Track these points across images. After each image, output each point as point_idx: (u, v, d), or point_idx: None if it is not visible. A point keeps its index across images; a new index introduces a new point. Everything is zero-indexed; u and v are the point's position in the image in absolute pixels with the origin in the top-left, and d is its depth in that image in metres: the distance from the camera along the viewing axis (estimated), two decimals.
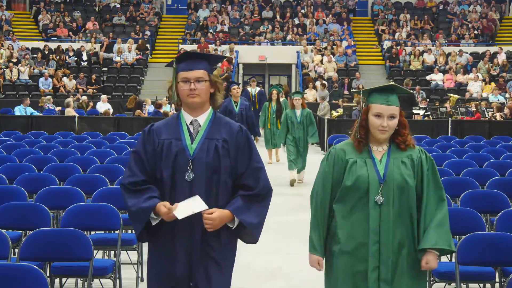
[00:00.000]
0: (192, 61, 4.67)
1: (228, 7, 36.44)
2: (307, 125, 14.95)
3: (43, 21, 34.97)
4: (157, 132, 4.64)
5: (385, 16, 35.81)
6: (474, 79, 29.70)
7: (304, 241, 9.59)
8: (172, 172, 4.55)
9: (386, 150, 4.67)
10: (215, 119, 4.68)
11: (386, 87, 4.72)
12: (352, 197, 4.62)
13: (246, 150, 4.64)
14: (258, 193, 4.63)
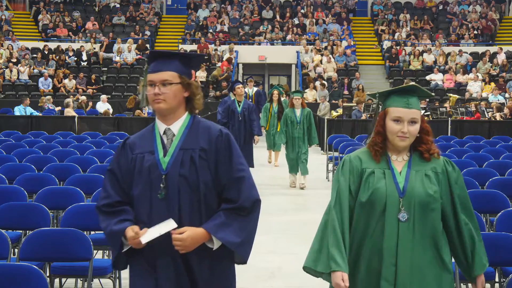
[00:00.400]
0: (160, 61, 4.14)
1: (227, 7, 36.46)
2: (307, 125, 14.37)
3: (43, 21, 34.98)
4: (131, 146, 4.19)
5: (384, 16, 35.82)
6: (474, 79, 29.71)
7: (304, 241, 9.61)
8: (145, 190, 4.05)
9: (407, 161, 4.10)
10: (193, 125, 4.14)
11: (406, 88, 4.15)
12: (368, 214, 4.04)
13: (227, 157, 4.07)
14: (241, 205, 4.04)
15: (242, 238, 4.08)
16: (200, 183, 4.02)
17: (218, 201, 4.08)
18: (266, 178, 15.56)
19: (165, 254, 4.01)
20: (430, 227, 4.01)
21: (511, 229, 6.44)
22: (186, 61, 4.21)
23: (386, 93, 4.20)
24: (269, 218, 11.41)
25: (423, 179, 4.04)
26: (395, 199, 3.99)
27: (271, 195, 13.51)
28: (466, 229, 4.07)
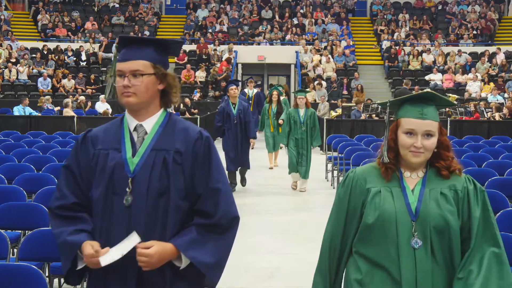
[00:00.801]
0: (131, 48, 3.58)
1: (227, 7, 36.46)
2: (310, 126, 13.85)
3: (42, 21, 34.97)
4: (93, 139, 3.61)
5: (384, 16, 35.82)
6: (473, 79, 29.72)
7: (303, 241, 9.63)
8: (107, 193, 3.48)
9: (421, 178, 3.53)
10: (169, 123, 3.60)
11: (421, 96, 3.54)
12: (377, 240, 3.47)
13: (206, 164, 3.52)
14: (217, 222, 3.49)
15: (216, 259, 3.53)
16: (172, 190, 3.46)
17: (191, 213, 3.53)
18: (266, 178, 15.56)
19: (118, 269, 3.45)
20: (450, 254, 3.45)
21: (510, 229, 6.44)
22: (162, 48, 3.65)
23: (398, 101, 3.60)
24: (269, 218, 11.41)
25: (439, 198, 3.47)
26: (407, 222, 3.42)
27: (271, 195, 13.51)
28: (471, 260, 3.44)
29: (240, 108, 13.83)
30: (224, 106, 14.02)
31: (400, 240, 3.41)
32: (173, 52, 3.80)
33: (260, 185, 14.48)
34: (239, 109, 13.82)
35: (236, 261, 8.61)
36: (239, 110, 13.79)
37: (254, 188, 13.92)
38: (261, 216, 11.55)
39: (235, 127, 13.66)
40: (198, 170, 3.52)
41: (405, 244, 3.41)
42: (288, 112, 14.25)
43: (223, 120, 13.79)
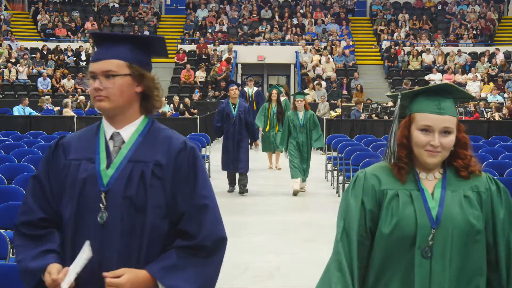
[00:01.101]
0: (105, 46, 3.16)
1: (226, 7, 36.46)
2: (310, 129, 13.62)
3: (42, 21, 34.97)
4: (66, 148, 3.19)
5: (383, 16, 35.83)
6: (473, 79, 29.73)
7: (303, 241, 9.63)
8: (78, 209, 3.06)
9: (440, 179, 3.13)
10: (150, 132, 3.16)
11: (438, 88, 3.15)
12: (392, 250, 3.05)
13: (191, 178, 3.09)
14: (201, 244, 3.03)
15: (196, 286, 3.04)
16: (149, 208, 3.02)
17: (172, 233, 3.08)
18: (266, 178, 15.56)
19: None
20: (473, 262, 3.07)
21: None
22: (140, 46, 3.19)
23: (411, 94, 3.18)
24: (268, 218, 11.41)
25: (462, 202, 3.09)
26: (426, 230, 3.02)
27: (270, 195, 13.51)
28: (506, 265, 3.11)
29: (240, 109, 13.56)
30: (224, 106, 13.75)
31: (416, 249, 3.02)
32: (157, 51, 3.31)
33: (260, 185, 14.47)
34: (239, 110, 13.56)
35: (236, 261, 8.62)
36: (239, 111, 13.54)
37: (254, 188, 13.92)
38: (260, 216, 11.55)
39: (233, 128, 13.46)
40: (181, 185, 3.08)
41: (420, 254, 3.03)
42: (287, 116, 13.99)
43: (223, 120, 13.58)
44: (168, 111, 23.55)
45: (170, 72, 31.70)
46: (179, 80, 30.60)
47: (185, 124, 20.75)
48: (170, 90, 30.00)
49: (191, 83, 30.26)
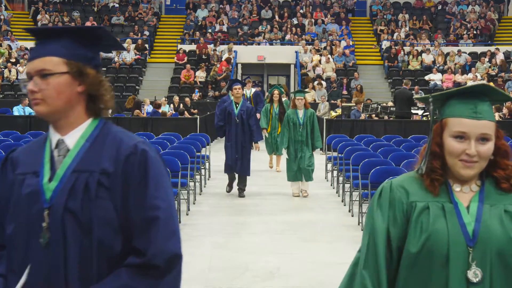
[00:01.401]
0: (39, 43, 2.77)
1: (226, 7, 36.46)
2: (310, 127, 13.30)
3: (42, 21, 34.96)
4: (15, 162, 2.80)
5: (383, 16, 35.83)
6: (473, 79, 29.73)
7: (303, 241, 9.63)
8: (20, 229, 2.69)
9: (477, 191, 2.74)
10: (99, 137, 2.74)
11: (474, 89, 2.78)
12: (421, 270, 2.69)
13: (141, 186, 2.66)
14: (150, 262, 2.61)
15: None
16: (95, 223, 2.62)
17: (126, 250, 2.66)
18: (266, 178, 15.56)
19: None
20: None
21: None
22: (80, 39, 2.76)
23: (443, 96, 2.82)
24: (268, 218, 11.40)
25: (503, 217, 2.70)
26: (462, 248, 2.64)
27: (270, 195, 13.50)
28: None
29: (242, 109, 13.26)
30: (226, 105, 13.37)
31: (452, 272, 2.65)
32: (105, 44, 2.89)
33: (260, 185, 14.47)
34: (242, 109, 13.25)
35: (236, 261, 8.62)
36: (241, 111, 13.23)
37: (254, 188, 13.91)
38: (260, 216, 11.54)
39: (235, 128, 13.17)
40: (132, 195, 2.66)
41: (458, 277, 2.65)
42: (287, 114, 13.59)
43: (224, 120, 13.29)
44: (168, 111, 23.55)
45: (170, 72, 31.72)
46: (179, 80, 30.60)
47: (185, 124, 20.74)
48: (170, 90, 30.02)
49: (191, 83, 30.26)
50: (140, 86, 31.26)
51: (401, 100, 20.73)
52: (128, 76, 31.17)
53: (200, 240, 9.84)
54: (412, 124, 19.93)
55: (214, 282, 7.80)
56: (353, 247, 9.43)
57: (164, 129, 18.81)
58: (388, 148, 13.26)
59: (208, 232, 10.04)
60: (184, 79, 30.39)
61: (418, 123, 20.67)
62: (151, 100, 24.58)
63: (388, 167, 10.36)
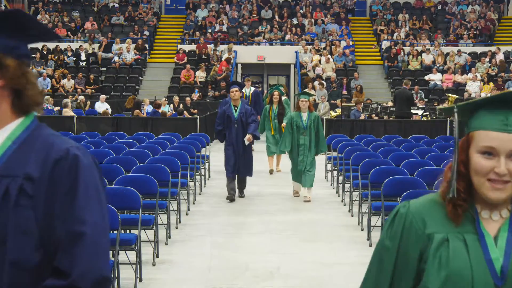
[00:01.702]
0: None
1: (226, 7, 36.45)
2: (314, 131, 12.88)
3: (42, 21, 34.93)
4: None
5: (383, 16, 35.82)
6: (473, 79, 29.73)
7: (303, 241, 9.63)
8: None
9: (508, 218, 2.34)
10: (29, 138, 2.39)
11: (504, 98, 2.33)
12: None
13: (69, 195, 2.31)
14: (74, 285, 2.25)
15: None
16: (11, 235, 2.27)
17: (46, 265, 2.30)
18: (266, 179, 15.56)
19: None
20: None
21: None
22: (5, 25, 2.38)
23: (470, 106, 2.41)
24: (268, 218, 11.41)
25: None
26: (488, 286, 2.25)
27: (270, 195, 13.50)
28: None
29: (242, 111, 12.91)
30: (225, 108, 13.05)
31: None
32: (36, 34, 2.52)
33: (260, 185, 14.47)
34: (241, 112, 12.90)
35: (236, 261, 8.62)
36: (240, 113, 12.88)
37: (254, 188, 13.92)
38: (260, 216, 11.54)
39: (236, 132, 12.82)
40: (58, 205, 2.30)
41: None
42: (290, 116, 13.22)
43: (224, 124, 12.95)
44: (168, 111, 23.55)
45: (170, 72, 31.71)
46: (179, 80, 30.60)
47: (185, 124, 20.75)
48: (170, 90, 30.02)
49: (191, 83, 30.26)
50: (140, 86, 31.26)
51: (401, 100, 20.72)
52: (128, 76, 31.17)
53: (200, 240, 9.84)
54: (412, 124, 19.94)
55: (214, 282, 7.81)
56: (353, 247, 9.45)
57: (164, 129, 18.82)
58: (388, 148, 13.26)
59: (208, 232, 10.04)
60: (184, 79, 30.38)
61: (418, 123, 20.68)
62: (151, 100, 24.58)
63: (388, 167, 10.36)
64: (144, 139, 14.94)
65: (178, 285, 7.77)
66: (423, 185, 8.84)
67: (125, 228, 8.36)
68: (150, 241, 8.76)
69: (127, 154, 11.72)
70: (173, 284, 7.79)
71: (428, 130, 18.86)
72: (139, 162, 10.87)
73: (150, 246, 8.64)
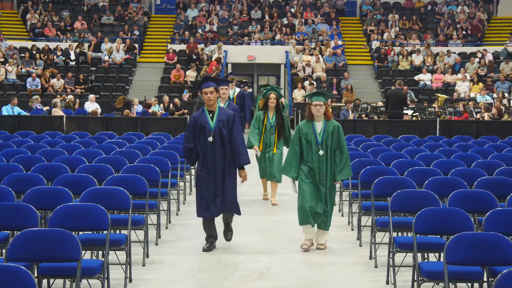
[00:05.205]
0: None
1: (217, 6, 36.42)
2: (333, 148, 9.12)
3: (31, 20, 34.84)
4: None
5: (373, 16, 35.86)
6: (462, 79, 29.81)
7: (293, 242, 9.62)
8: None
9: None
10: None
11: None
12: None
13: None
14: None
15: None
16: None
17: None
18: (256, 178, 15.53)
19: None
20: None
21: (499, 229, 6.46)
22: None
23: None
24: (258, 218, 11.41)
25: None
26: None
27: (260, 195, 13.47)
28: None
29: (221, 119, 9.00)
30: (197, 115, 9.07)
31: None
32: None
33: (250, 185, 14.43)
34: (220, 120, 9.01)
35: (226, 262, 8.61)
36: (219, 122, 8.99)
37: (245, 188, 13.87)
38: (251, 216, 11.53)
39: (212, 150, 8.97)
40: None
41: None
42: (299, 128, 9.22)
43: (196, 139, 9.06)
44: (158, 111, 23.51)
45: (160, 72, 31.67)
46: (169, 80, 30.55)
47: (175, 123, 20.70)
48: (160, 90, 29.97)
49: (181, 83, 30.22)
50: (130, 85, 31.19)
51: (394, 100, 20.71)
52: (118, 76, 31.10)
53: (190, 240, 9.83)
54: (402, 124, 19.94)
55: (204, 282, 7.80)
56: (344, 247, 9.45)
57: (154, 129, 18.78)
58: (378, 148, 13.27)
59: (198, 232, 10.02)
60: (174, 79, 30.34)
61: (407, 123, 20.69)
62: (140, 100, 24.53)
63: (378, 167, 10.36)
64: (134, 139, 14.91)
65: (168, 285, 7.75)
66: (413, 185, 8.85)
67: (115, 228, 8.35)
68: (140, 241, 8.75)
69: (117, 154, 11.70)
70: (163, 284, 7.78)
71: (418, 130, 18.86)
72: (129, 162, 10.85)
73: (140, 246, 8.63)
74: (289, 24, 35.13)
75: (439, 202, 7.89)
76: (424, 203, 7.57)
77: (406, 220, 8.32)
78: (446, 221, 6.86)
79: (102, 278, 6.65)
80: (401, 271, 7.79)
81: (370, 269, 8.46)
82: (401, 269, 7.80)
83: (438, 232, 7.15)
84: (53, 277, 6.69)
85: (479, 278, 6.40)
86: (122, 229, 8.41)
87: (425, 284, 6.75)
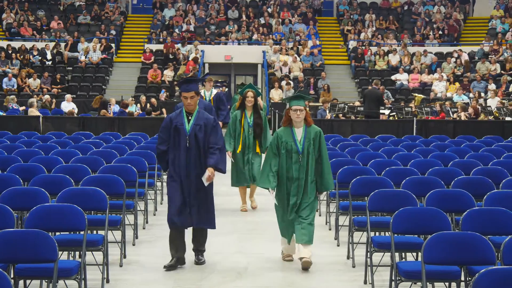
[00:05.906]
0: None
1: (193, 6, 36.35)
2: (315, 157, 8.36)
3: (7, 19, 34.60)
4: None
5: (350, 16, 35.97)
6: (439, 79, 29.98)
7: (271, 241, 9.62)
8: None
9: None
10: None
11: None
12: None
13: None
14: None
15: None
16: None
17: None
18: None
19: None
20: None
21: (476, 228, 6.49)
22: None
23: None
24: (235, 218, 11.40)
25: None
26: None
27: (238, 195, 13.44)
28: None
29: (198, 123, 8.36)
30: (173, 116, 8.44)
31: None
32: None
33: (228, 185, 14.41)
34: (197, 124, 8.36)
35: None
36: (196, 126, 8.34)
37: (222, 188, 13.86)
38: (228, 216, 11.52)
39: (186, 154, 8.29)
40: None
41: None
42: (277, 135, 8.48)
43: (169, 141, 8.43)
44: (135, 111, 23.43)
45: (137, 72, 31.57)
46: (145, 80, 30.46)
47: (152, 123, 20.62)
48: (136, 89, 29.88)
49: (158, 82, 30.14)
50: (107, 85, 31.07)
51: (370, 100, 20.79)
52: (94, 76, 30.97)
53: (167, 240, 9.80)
54: (379, 124, 20.01)
55: (182, 282, 7.78)
56: (321, 246, 9.46)
57: (131, 129, 18.71)
58: (355, 147, 13.29)
59: None
60: (151, 79, 30.26)
61: (384, 122, 20.77)
62: (117, 99, 24.44)
63: (355, 167, 10.38)
64: (111, 139, 14.84)
65: (146, 286, 7.73)
66: (390, 185, 8.87)
67: (91, 229, 8.31)
68: (117, 241, 8.71)
69: (94, 154, 11.64)
70: (141, 284, 7.75)
71: (395, 129, 18.93)
72: (106, 162, 10.80)
73: (117, 247, 8.59)
74: (266, 24, 35.15)
75: (416, 201, 7.91)
76: (401, 202, 7.59)
77: (383, 220, 8.34)
78: (424, 221, 6.89)
79: (79, 278, 6.62)
80: (379, 270, 7.81)
81: (348, 269, 8.47)
82: (379, 268, 7.82)
83: (416, 231, 7.18)
84: (30, 278, 6.64)
85: (456, 277, 6.43)
86: (99, 230, 8.37)
87: (403, 284, 6.78)
